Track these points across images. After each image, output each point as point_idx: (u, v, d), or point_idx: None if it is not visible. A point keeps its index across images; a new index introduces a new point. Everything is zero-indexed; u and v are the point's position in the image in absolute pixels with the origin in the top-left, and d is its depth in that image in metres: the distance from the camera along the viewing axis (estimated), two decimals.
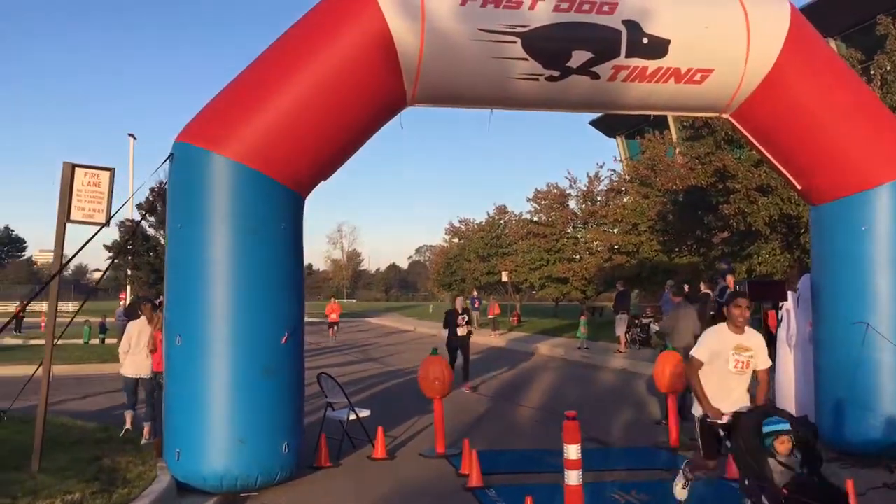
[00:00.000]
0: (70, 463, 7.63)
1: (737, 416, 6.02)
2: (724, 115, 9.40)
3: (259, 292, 7.75)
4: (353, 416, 9.47)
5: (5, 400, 10.60)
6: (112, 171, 7.28)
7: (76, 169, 7.16)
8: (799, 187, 9.52)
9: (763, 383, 6.51)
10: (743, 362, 6.36)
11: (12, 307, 53.20)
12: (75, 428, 9.74)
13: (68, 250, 7.61)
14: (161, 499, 6.93)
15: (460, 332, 15.07)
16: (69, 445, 8.50)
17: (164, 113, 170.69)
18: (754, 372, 6.49)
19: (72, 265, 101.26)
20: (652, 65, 8.46)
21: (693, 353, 6.46)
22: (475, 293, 37.63)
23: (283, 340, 7.81)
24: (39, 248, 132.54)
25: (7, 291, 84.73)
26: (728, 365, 6.34)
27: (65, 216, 7.12)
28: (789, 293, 10.52)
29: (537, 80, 8.46)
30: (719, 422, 6.06)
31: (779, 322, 11.17)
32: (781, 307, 10.92)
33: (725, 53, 8.57)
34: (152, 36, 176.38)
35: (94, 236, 7.32)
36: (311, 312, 56.06)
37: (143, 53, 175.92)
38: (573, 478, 5.06)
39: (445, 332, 15.65)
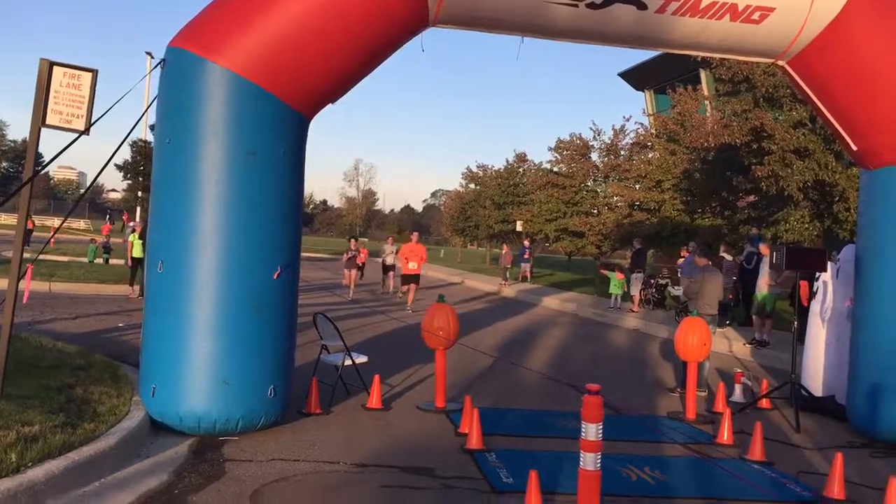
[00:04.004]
0: (38, 390, 7.00)
1: None
2: (780, 62, 8.48)
3: (253, 221, 7.02)
4: (348, 362, 8.83)
5: None
6: (95, 72, 6.47)
7: (54, 67, 6.36)
8: (854, 148, 8.63)
9: None
10: None
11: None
12: (54, 350, 9.14)
13: (76, 163, 6.88)
14: (130, 437, 6.32)
15: None
16: (42, 371, 7.88)
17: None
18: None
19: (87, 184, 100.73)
20: None
21: None
22: (527, 243, 34.63)
23: (276, 276, 7.12)
24: (58, 165, 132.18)
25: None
26: None
27: (39, 120, 6.35)
28: (829, 264, 9.73)
29: (576, 6, 7.57)
30: None
31: (813, 294, 10.39)
32: (818, 278, 10.14)
33: None
34: None
35: (71, 143, 6.57)
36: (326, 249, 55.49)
37: None
38: (590, 462, 4.34)
39: None
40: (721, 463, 7.17)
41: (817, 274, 10.09)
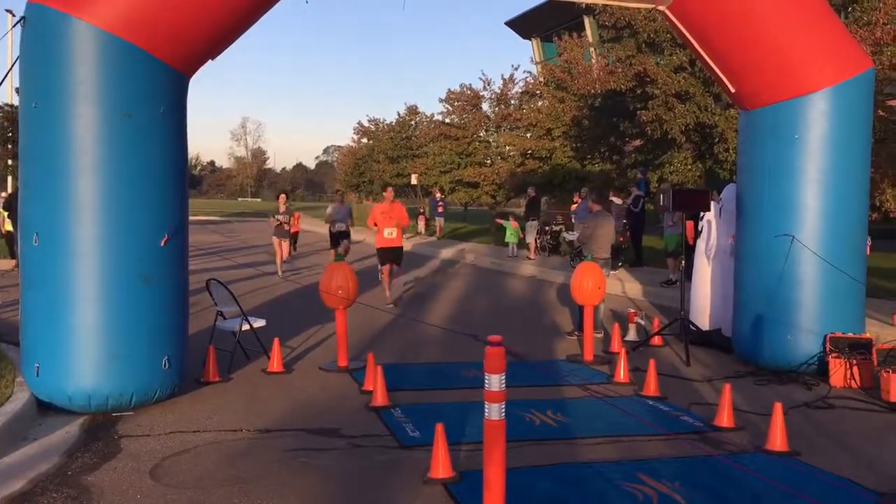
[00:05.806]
0: None
1: None
2: (661, 7, 8.63)
3: (134, 186, 6.66)
4: (246, 327, 8.63)
5: None
6: None
7: None
8: (732, 90, 8.93)
9: None
10: None
11: None
12: None
13: None
14: (15, 420, 6.00)
15: None
16: None
17: None
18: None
19: None
20: None
21: None
22: (438, 195, 33.84)
23: (163, 242, 6.82)
24: None
25: None
26: None
27: None
28: (712, 203, 10.10)
29: None
30: None
31: (698, 233, 10.81)
32: (702, 217, 10.53)
33: None
34: None
35: None
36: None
37: None
38: (494, 412, 4.39)
39: None
40: (618, 401, 7.42)
41: (701, 213, 10.48)
